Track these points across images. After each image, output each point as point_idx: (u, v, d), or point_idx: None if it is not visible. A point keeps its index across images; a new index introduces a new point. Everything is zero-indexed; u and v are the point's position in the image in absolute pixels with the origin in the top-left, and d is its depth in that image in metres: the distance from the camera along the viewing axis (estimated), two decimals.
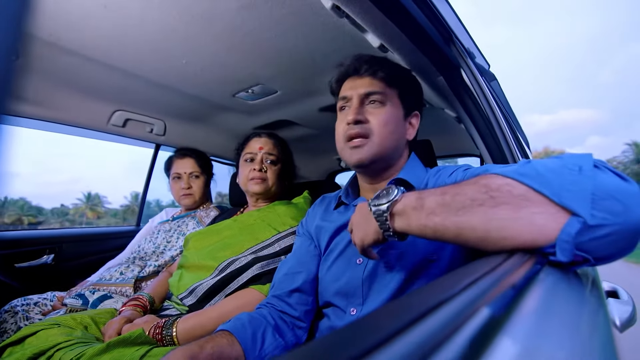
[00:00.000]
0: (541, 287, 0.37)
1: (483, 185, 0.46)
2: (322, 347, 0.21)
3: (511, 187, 0.44)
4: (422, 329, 0.22)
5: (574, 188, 0.40)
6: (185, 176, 1.60)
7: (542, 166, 0.44)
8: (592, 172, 0.41)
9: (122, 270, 1.37)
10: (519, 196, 0.43)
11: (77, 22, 1.01)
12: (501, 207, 0.44)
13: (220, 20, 0.99)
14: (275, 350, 0.74)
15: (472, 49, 1.16)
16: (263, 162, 1.22)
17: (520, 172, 0.45)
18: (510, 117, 1.54)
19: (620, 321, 0.76)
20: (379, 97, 0.80)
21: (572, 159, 0.45)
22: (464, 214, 0.46)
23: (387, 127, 0.79)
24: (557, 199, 0.40)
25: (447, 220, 0.48)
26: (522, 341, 0.27)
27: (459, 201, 0.47)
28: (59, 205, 70.21)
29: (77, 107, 1.49)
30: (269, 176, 1.22)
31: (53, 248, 1.65)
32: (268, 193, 1.23)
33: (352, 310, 0.75)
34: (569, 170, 0.42)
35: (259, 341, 0.72)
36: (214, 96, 1.53)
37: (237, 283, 1.01)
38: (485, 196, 0.45)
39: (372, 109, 0.80)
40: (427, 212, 0.51)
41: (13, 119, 1.41)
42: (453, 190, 0.50)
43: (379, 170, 0.83)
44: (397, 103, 0.83)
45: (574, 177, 0.41)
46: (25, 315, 1.12)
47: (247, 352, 0.69)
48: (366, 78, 0.82)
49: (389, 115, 0.80)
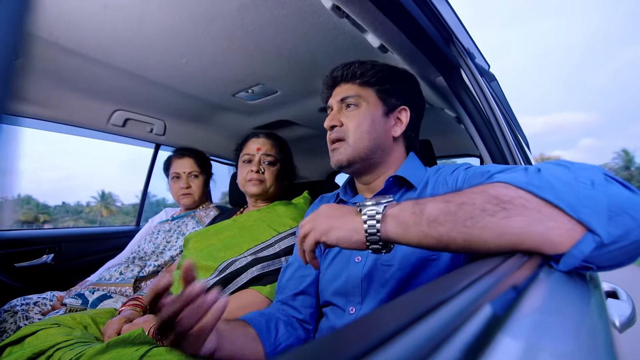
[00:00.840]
0: (541, 287, 0.37)
1: (493, 197, 0.45)
2: (323, 347, 0.21)
3: (525, 200, 0.43)
4: (422, 328, 0.22)
5: (590, 203, 0.40)
6: (184, 176, 1.60)
7: (553, 178, 0.43)
8: (605, 187, 0.41)
9: (122, 270, 1.37)
10: (532, 209, 0.42)
11: (77, 22, 1.01)
12: (514, 219, 0.42)
13: (221, 20, 0.99)
14: (288, 340, 0.76)
15: (472, 49, 1.16)
16: (261, 164, 1.22)
17: (532, 183, 0.44)
18: (510, 118, 1.54)
19: (620, 322, 0.76)
20: (352, 100, 0.83)
21: (583, 171, 0.44)
22: (473, 225, 0.44)
23: (361, 127, 0.81)
24: (574, 214, 0.40)
25: (454, 231, 0.46)
26: (522, 341, 0.27)
27: (466, 211, 0.45)
28: (72, 203, 70.03)
29: (77, 107, 1.49)
30: (267, 177, 1.21)
31: (53, 248, 1.65)
32: (266, 194, 1.23)
33: (351, 309, 0.75)
34: (582, 184, 0.42)
35: (273, 330, 0.75)
36: (214, 96, 1.53)
37: (237, 284, 1.01)
38: (497, 207, 0.44)
39: (348, 113, 0.83)
40: (428, 219, 0.48)
41: (13, 119, 1.41)
42: (458, 199, 0.48)
43: (363, 170, 0.84)
44: (374, 102, 0.83)
45: (588, 192, 0.41)
46: (25, 315, 1.12)
47: (263, 337, 0.72)
48: (343, 85, 0.87)
49: (362, 116, 0.81)
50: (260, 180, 1.20)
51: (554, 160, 0.50)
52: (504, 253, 0.44)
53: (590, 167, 0.45)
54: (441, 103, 1.26)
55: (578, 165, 0.46)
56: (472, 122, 1.02)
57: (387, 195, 0.60)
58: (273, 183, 1.22)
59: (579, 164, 0.46)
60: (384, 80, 0.84)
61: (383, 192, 0.81)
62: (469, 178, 0.68)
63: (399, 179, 0.81)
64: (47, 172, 34.77)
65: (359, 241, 0.53)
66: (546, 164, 0.48)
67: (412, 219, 0.50)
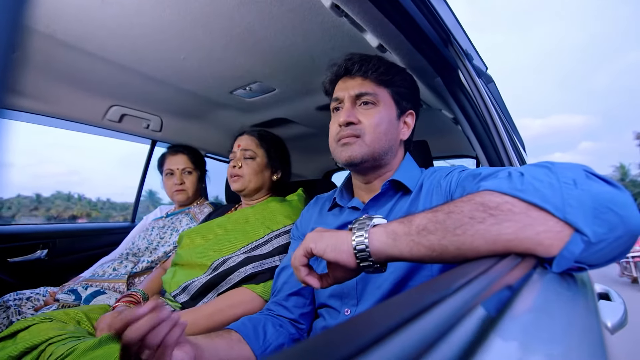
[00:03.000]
0: (534, 288, 0.37)
1: (480, 204, 0.45)
2: (316, 345, 0.21)
3: (511, 204, 0.43)
4: (416, 328, 0.22)
5: (574, 203, 0.41)
6: (178, 172, 1.59)
7: (536, 181, 0.44)
8: (587, 185, 0.42)
9: (115, 267, 1.37)
10: (520, 213, 0.42)
11: (74, 15, 1.00)
12: (504, 225, 0.43)
13: (219, 16, 0.99)
14: (279, 339, 0.76)
15: (470, 51, 1.16)
16: (240, 159, 1.22)
17: (516, 187, 0.44)
18: (506, 119, 1.55)
19: (612, 323, 0.77)
20: (370, 98, 0.79)
21: (564, 170, 0.45)
22: (464, 233, 0.44)
23: (379, 128, 0.78)
24: (561, 215, 0.40)
25: (445, 239, 0.45)
26: (514, 342, 0.27)
27: (455, 219, 0.45)
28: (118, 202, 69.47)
29: (72, 101, 1.48)
30: (245, 172, 1.21)
31: (47, 243, 1.64)
32: (248, 189, 1.22)
33: (346, 310, 0.75)
34: (565, 184, 0.42)
35: (261, 333, 0.74)
36: (211, 93, 1.52)
37: (230, 282, 1.01)
38: (484, 214, 0.44)
39: (363, 110, 0.80)
40: (418, 228, 0.48)
41: (10, 113, 1.39)
42: (445, 208, 0.48)
43: (371, 169, 0.82)
44: (389, 103, 0.82)
45: (572, 191, 0.41)
46: (18, 310, 1.11)
47: (250, 341, 0.71)
48: (358, 78, 0.81)
49: (381, 116, 0.79)
50: (237, 175, 1.20)
51: (535, 162, 0.50)
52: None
53: (571, 165, 0.46)
54: (438, 104, 1.27)
55: (559, 165, 0.46)
56: (469, 123, 1.02)
57: (377, 215, 0.59)
58: (252, 178, 1.21)
59: (560, 163, 0.47)
60: (399, 81, 0.83)
61: (380, 195, 0.81)
62: (462, 181, 0.68)
63: (395, 183, 0.80)
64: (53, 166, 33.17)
65: (352, 265, 0.52)
66: (528, 167, 0.49)
67: (400, 228, 0.49)
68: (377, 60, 0.82)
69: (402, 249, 0.48)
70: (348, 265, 0.52)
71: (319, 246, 0.54)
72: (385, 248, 0.50)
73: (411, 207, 0.76)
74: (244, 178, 1.21)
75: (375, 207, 0.81)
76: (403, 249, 0.48)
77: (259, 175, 1.23)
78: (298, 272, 0.57)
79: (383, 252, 0.50)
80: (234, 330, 0.71)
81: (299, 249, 0.57)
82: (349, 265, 0.52)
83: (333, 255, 0.53)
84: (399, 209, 0.78)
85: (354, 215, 0.84)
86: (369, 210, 0.81)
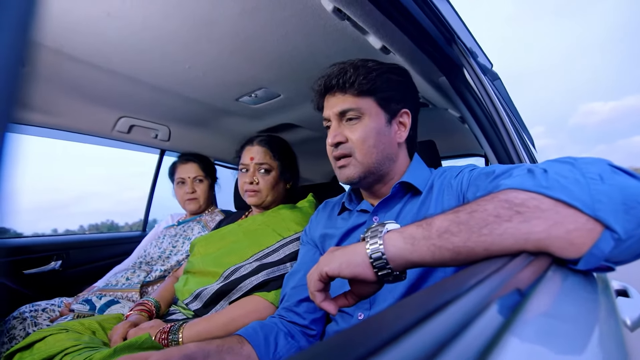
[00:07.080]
0: (548, 286, 0.37)
1: (504, 201, 0.43)
2: (330, 347, 0.21)
3: (538, 201, 0.41)
4: (429, 327, 0.22)
5: (604, 199, 0.39)
6: (189, 181, 1.60)
7: (561, 177, 0.42)
8: (615, 180, 0.40)
9: (128, 276, 1.38)
10: (548, 210, 0.40)
11: (80, 29, 1.02)
12: (533, 222, 0.41)
13: (223, 25, 1.00)
14: (289, 352, 0.74)
15: (474, 49, 1.16)
16: (255, 174, 1.20)
17: (541, 184, 0.42)
18: (514, 117, 1.53)
19: (631, 320, 0.75)
20: (353, 113, 0.78)
21: (588, 165, 0.43)
22: (491, 232, 0.42)
23: (367, 142, 0.77)
24: (591, 212, 0.39)
25: (471, 240, 0.43)
26: (529, 341, 0.27)
27: (479, 218, 0.43)
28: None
29: (82, 114, 1.50)
30: (262, 187, 1.20)
31: (60, 254, 1.67)
32: (264, 203, 1.22)
33: (360, 314, 0.75)
34: (591, 179, 0.41)
35: (272, 344, 0.73)
36: (217, 100, 1.54)
37: (242, 290, 1.00)
38: (511, 212, 0.42)
39: (349, 126, 0.79)
40: (439, 231, 0.45)
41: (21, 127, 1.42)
42: (467, 208, 0.45)
43: (373, 182, 0.82)
44: (375, 111, 0.79)
45: (599, 187, 0.40)
46: (34, 322, 1.12)
47: (260, 354, 0.70)
48: (338, 95, 0.80)
49: (367, 130, 0.77)
50: (255, 191, 1.19)
51: (555, 158, 0.49)
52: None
53: (595, 160, 0.44)
54: (445, 103, 1.26)
55: (582, 160, 0.45)
56: (476, 122, 1.02)
57: (388, 219, 0.57)
58: (269, 192, 1.21)
59: (582, 158, 0.45)
60: (381, 85, 0.79)
61: (389, 198, 0.80)
62: (474, 179, 0.67)
63: (405, 184, 0.80)
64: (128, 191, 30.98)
65: (370, 275, 0.49)
66: (549, 163, 0.47)
67: (419, 232, 0.47)
68: (353, 70, 0.78)
69: (423, 253, 0.46)
70: (367, 277, 0.49)
71: (332, 266, 0.51)
72: (403, 253, 0.47)
73: (422, 208, 0.75)
74: (262, 193, 1.20)
75: (385, 210, 0.81)
76: (424, 253, 0.46)
77: (275, 188, 1.23)
78: (314, 298, 0.54)
79: (401, 258, 0.47)
80: (245, 340, 0.70)
81: (312, 273, 0.54)
82: (368, 278, 0.49)
83: (349, 271, 0.50)
84: (408, 210, 0.78)
85: (362, 218, 0.83)
86: (378, 213, 0.81)
